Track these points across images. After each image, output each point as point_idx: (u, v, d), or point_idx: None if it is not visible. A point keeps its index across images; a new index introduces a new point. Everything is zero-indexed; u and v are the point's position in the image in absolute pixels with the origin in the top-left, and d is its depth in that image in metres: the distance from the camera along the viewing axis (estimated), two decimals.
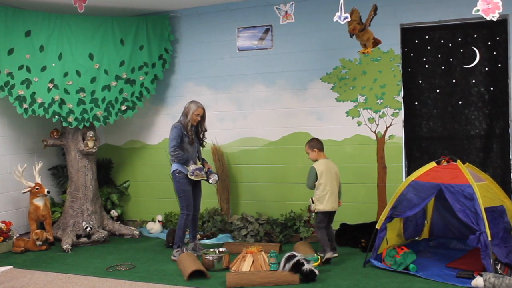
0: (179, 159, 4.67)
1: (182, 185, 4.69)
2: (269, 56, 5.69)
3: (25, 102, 5.25)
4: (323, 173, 4.53)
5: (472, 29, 5.09)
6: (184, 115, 4.80)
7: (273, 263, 4.04)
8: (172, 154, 4.65)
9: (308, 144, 4.71)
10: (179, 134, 4.69)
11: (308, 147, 4.70)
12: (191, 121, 4.76)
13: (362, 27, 4.26)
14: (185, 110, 4.81)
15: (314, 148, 4.65)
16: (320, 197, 4.54)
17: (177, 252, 4.69)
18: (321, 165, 4.58)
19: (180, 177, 4.69)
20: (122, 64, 5.68)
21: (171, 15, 6.06)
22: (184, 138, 4.72)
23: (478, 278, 3.55)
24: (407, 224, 4.62)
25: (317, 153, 4.64)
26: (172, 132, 4.70)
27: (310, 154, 4.68)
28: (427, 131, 5.30)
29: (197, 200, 4.92)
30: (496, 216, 3.86)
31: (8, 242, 5.21)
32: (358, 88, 5.36)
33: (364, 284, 3.83)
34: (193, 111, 4.75)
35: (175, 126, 4.73)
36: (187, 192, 4.70)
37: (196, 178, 4.68)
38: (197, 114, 4.78)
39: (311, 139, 4.79)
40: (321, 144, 4.69)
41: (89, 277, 4.23)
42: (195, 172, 4.68)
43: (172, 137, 4.68)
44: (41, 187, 5.29)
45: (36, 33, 5.28)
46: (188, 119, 4.75)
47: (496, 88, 5.06)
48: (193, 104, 4.79)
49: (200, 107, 4.80)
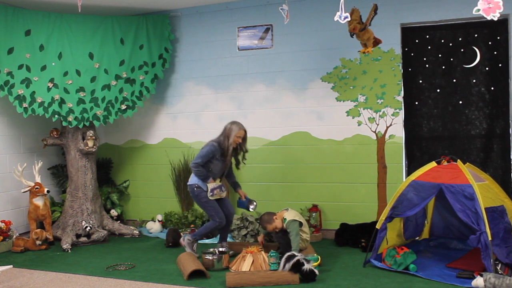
0: (198, 175, 4.56)
1: (202, 198, 4.57)
2: (269, 56, 5.69)
3: (25, 101, 5.25)
4: (301, 219, 4.42)
5: (473, 29, 5.08)
6: (225, 137, 4.59)
7: (273, 263, 4.03)
8: (193, 169, 4.56)
9: (263, 222, 4.44)
10: (210, 154, 4.54)
11: (267, 224, 4.40)
12: (233, 144, 4.59)
13: (363, 26, 4.25)
14: (225, 131, 4.60)
15: (273, 217, 4.40)
16: None
17: (189, 241, 4.67)
18: (291, 214, 4.40)
19: (198, 191, 4.58)
20: (122, 64, 5.67)
21: (171, 15, 6.05)
22: (214, 160, 4.57)
23: (478, 278, 3.54)
24: (407, 224, 4.61)
25: (278, 218, 4.39)
26: (205, 149, 4.56)
27: (277, 223, 4.37)
28: (428, 131, 5.29)
29: (226, 204, 4.77)
30: (497, 216, 3.86)
31: (8, 242, 5.21)
32: (358, 88, 5.35)
33: (364, 284, 3.82)
34: (235, 134, 4.56)
35: (210, 145, 4.56)
36: (210, 202, 4.57)
37: (214, 197, 4.60)
38: (239, 136, 4.59)
39: (260, 219, 4.52)
40: (271, 213, 4.45)
41: (89, 276, 4.23)
42: (215, 191, 4.59)
43: (202, 154, 4.54)
44: (40, 187, 5.29)
45: (36, 32, 5.28)
46: (230, 141, 4.56)
47: (496, 88, 5.05)
48: (235, 126, 4.59)
49: (242, 129, 4.61)
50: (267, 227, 4.45)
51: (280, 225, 4.40)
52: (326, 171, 5.49)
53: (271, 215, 4.44)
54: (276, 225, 4.40)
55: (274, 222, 4.40)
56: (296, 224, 4.32)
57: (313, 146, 5.53)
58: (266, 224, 4.44)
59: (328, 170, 5.48)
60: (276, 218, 4.40)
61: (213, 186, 4.58)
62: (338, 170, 5.45)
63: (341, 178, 5.44)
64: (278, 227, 4.41)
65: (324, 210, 5.50)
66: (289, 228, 4.31)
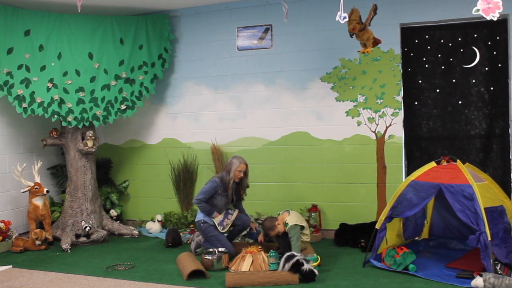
0: (203, 211, 4.60)
1: (208, 233, 4.60)
2: (269, 56, 5.69)
3: (24, 101, 5.24)
4: (303, 222, 4.43)
5: (472, 29, 5.09)
6: (226, 172, 4.61)
7: (272, 263, 4.03)
8: (197, 206, 4.61)
9: (266, 229, 4.45)
10: (212, 190, 4.57)
11: (270, 230, 4.41)
12: (234, 178, 4.59)
13: (362, 26, 4.25)
14: (227, 166, 4.64)
15: (275, 223, 4.40)
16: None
17: (199, 243, 4.73)
18: (293, 218, 4.40)
19: (205, 227, 4.61)
20: (121, 64, 5.67)
21: (171, 15, 6.05)
22: (217, 195, 4.60)
23: (477, 278, 3.55)
24: (407, 224, 4.61)
25: (280, 223, 4.40)
26: (207, 185, 4.59)
27: (279, 228, 4.38)
28: (427, 131, 5.29)
29: (240, 217, 4.73)
30: (496, 216, 3.86)
31: (7, 242, 5.20)
32: (358, 88, 5.35)
33: (364, 284, 3.82)
34: (235, 168, 4.57)
35: (213, 181, 4.60)
36: (217, 237, 4.59)
37: (226, 229, 4.63)
38: (240, 171, 4.60)
39: (262, 225, 4.54)
40: (273, 218, 4.47)
41: (88, 276, 4.23)
42: (224, 224, 4.61)
43: (204, 190, 4.58)
44: (40, 187, 5.29)
45: (35, 32, 5.28)
46: (230, 176, 4.57)
47: (496, 88, 5.05)
48: (236, 160, 4.61)
49: (243, 162, 4.62)
50: (270, 233, 4.47)
51: (282, 229, 4.40)
52: (326, 171, 5.49)
53: (273, 221, 4.43)
54: (279, 230, 4.41)
55: (277, 228, 4.40)
56: (298, 229, 4.33)
57: (312, 146, 5.53)
58: (268, 231, 4.46)
59: (327, 170, 5.48)
60: (278, 224, 4.40)
61: (220, 220, 4.62)
62: (337, 170, 5.45)
63: (340, 178, 5.44)
64: (280, 232, 4.42)
65: (323, 210, 5.50)
66: (290, 233, 4.32)
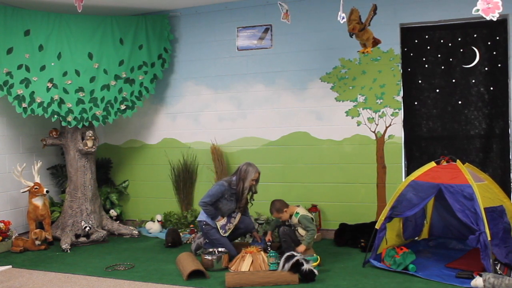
0: (207, 214, 4.57)
1: (211, 236, 4.58)
2: (269, 56, 5.69)
3: (24, 101, 5.24)
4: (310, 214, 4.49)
5: (472, 29, 5.09)
6: (239, 179, 4.53)
7: (272, 263, 4.03)
8: (202, 208, 4.58)
9: (272, 208, 4.48)
10: (219, 194, 4.52)
11: (276, 211, 4.45)
12: (248, 187, 4.53)
13: (362, 26, 4.25)
14: (241, 173, 4.53)
15: (284, 209, 4.44)
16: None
17: (200, 244, 4.73)
18: (303, 210, 4.47)
19: (207, 229, 4.58)
20: (121, 64, 5.67)
21: (171, 15, 6.05)
22: (223, 199, 4.56)
23: (477, 278, 3.55)
24: (407, 224, 4.61)
25: (288, 212, 4.44)
26: (214, 189, 4.54)
27: (284, 215, 4.43)
28: (427, 131, 5.29)
29: (244, 221, 4.73)
30: (496, 216, 3.86)
31: (7, 242, 5.20)
32: (357, 88, 5.35)
33: (364, 284, 3.82)
34: (251, 178, 4.51)
35: (220, 184, 4.54)
36: (219, 240, 4.57)
37: (228, 233, 4.62)
38: (254, 179, 4.55)
39: (273, 203, 4.52)
40: (284, 203, 4.49)
41: (88, 276, 4.23)
42: (226, 228, 4.61)
43: (211, 193, 4.53)
44: (40, 187, 5.28)
45: (35, 32, 5.27)
46: (245, 185, 4.51)
47: (496, 88, 5.05)
48: (252, 168, 4.52)
49: (258, 171, 4.56)
50: (273, 214, 4.51)
51: (286, 218, 4.45)
52: (326, 171, 5.49)
53: (284, 206, 4.46)
54: (282, 217, 4.45)
55: (283, 213, 4.45)
56: (310, 219, 4.40)
57: (312, 146, 5.54)
58: (274, 211, 4.49)
59: (327, 170, 5.48)
60: (286, 211, 4.44)
61: (222, 224, 4.61)
62: (337, 170, 5.45)
63: (340, 178, 5.44)
64: (283, 219, 4.46)
65: (323, 210, 5.50)
66: (304, 224, 4.37)
